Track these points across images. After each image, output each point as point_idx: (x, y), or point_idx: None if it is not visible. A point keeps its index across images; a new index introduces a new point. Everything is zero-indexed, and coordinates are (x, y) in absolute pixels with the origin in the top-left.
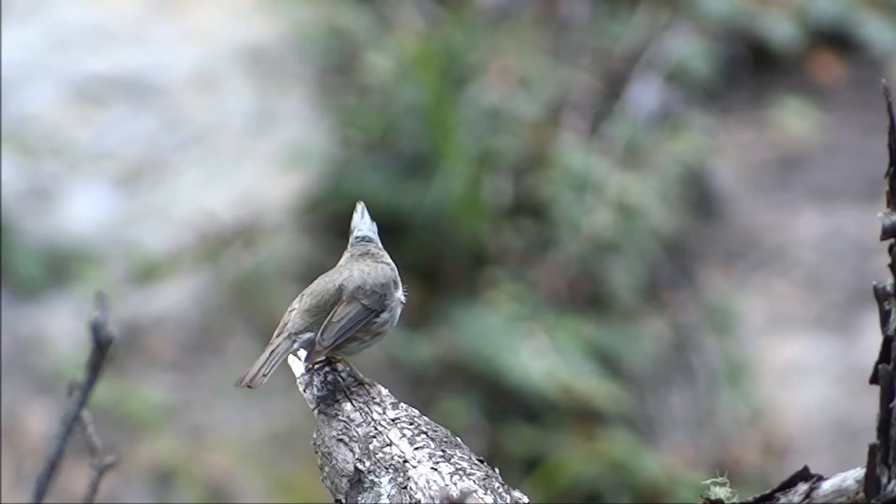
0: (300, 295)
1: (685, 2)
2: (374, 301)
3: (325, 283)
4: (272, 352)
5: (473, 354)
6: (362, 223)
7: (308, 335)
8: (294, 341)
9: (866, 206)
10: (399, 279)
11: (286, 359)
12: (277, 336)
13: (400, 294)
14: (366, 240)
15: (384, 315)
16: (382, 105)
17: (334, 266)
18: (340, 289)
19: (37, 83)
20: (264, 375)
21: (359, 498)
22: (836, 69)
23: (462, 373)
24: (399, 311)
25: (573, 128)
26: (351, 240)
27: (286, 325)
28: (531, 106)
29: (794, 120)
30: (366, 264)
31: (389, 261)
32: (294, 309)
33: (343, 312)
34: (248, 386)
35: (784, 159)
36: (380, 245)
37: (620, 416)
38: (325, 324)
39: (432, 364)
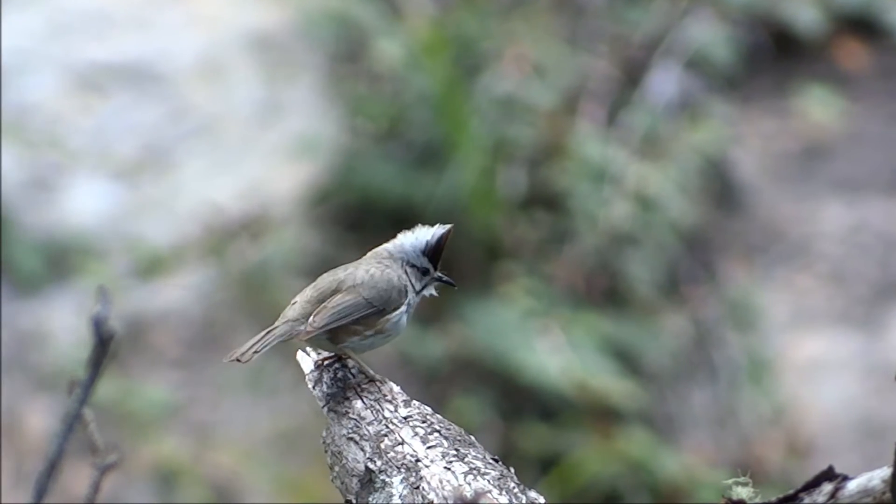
0: (304, 289)
1: None
2: (374, 297)
3: (329, 278)
4: (269, 332)
5: (487, 351)
6: (407, 237)
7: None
8: (292, 327)
9: (892, 197)
10: (410, 296)
11: (281, 342)
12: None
13: (405, 308)
14: (394, 255)
15: (388, 316)
16: (393, 94)
17: (342, 259)
18: (342, 283)
19: (37, 71)
20: (256, 352)
21: (370, 498)
22: (861, 56)
23: (475, 369)
24: (404, 321)
25: (590, 117)
26: (388, 245)
27: (286, 314)
28: (547, 94)
29: (817, 109)
30: (374, 267)
31: (400, 273)
32: (296, 301)
33: (340, 299)
34: (238, 360)
35: (808, 149)
36: (405, 269)
37: (639, 415)
38: (319, 308)
39: (445, 360)
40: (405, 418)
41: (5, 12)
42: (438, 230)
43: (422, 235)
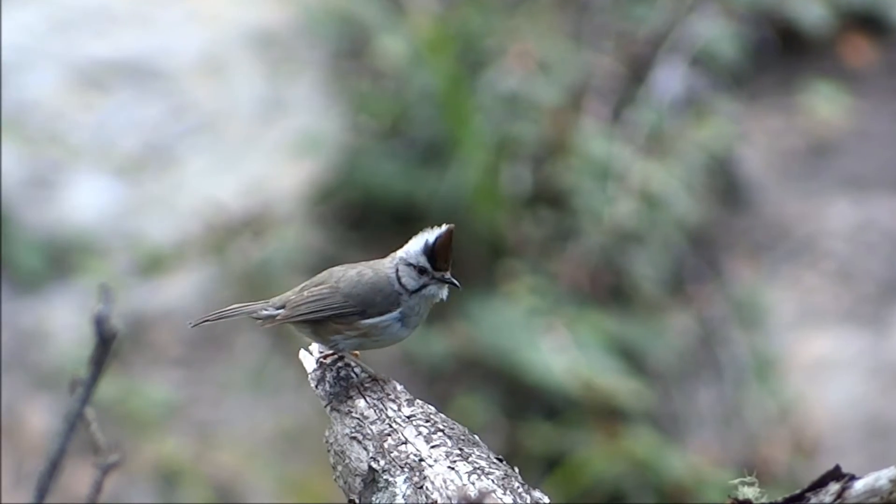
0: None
1: None
2: (352, 295)
3: (326, 273)
4: (236, 307)
5: (491, 349)
6: (414, 240)
7: (281, 308)
8: (262, 307)
9: None
10: (405, 304)
11: (245, 315)
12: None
13: (396, 315)
14: (398, 258)
15: (371, 320)
16: (396, 91)
17: (344, 257)
18: (330, 277)
19: (38, 68)
20: (207, 321)
21: (373, 498)
22: (867, 53)
23: (480, 368)
24: (396, 328)
25: (595, 114)
26: (398, 254)
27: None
28: (551, 91)
29: (824, 105)
30: (369, 269)
31: (394, 279)
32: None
33: (316, 291)
34: (191, 325)
35: (814, 146)
36: (404, 280)
37: (644, 414)
38: (296, 297)
39: (449, 359)
40: (408, 417)
41: (6, 8)
42: (439, 230)
43: (424, 235)
